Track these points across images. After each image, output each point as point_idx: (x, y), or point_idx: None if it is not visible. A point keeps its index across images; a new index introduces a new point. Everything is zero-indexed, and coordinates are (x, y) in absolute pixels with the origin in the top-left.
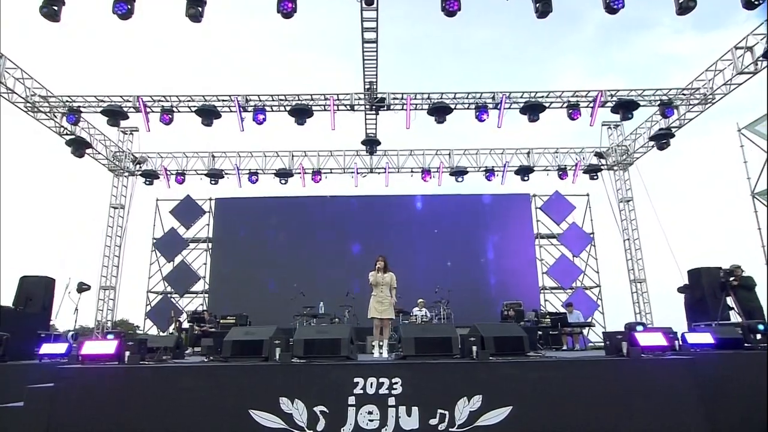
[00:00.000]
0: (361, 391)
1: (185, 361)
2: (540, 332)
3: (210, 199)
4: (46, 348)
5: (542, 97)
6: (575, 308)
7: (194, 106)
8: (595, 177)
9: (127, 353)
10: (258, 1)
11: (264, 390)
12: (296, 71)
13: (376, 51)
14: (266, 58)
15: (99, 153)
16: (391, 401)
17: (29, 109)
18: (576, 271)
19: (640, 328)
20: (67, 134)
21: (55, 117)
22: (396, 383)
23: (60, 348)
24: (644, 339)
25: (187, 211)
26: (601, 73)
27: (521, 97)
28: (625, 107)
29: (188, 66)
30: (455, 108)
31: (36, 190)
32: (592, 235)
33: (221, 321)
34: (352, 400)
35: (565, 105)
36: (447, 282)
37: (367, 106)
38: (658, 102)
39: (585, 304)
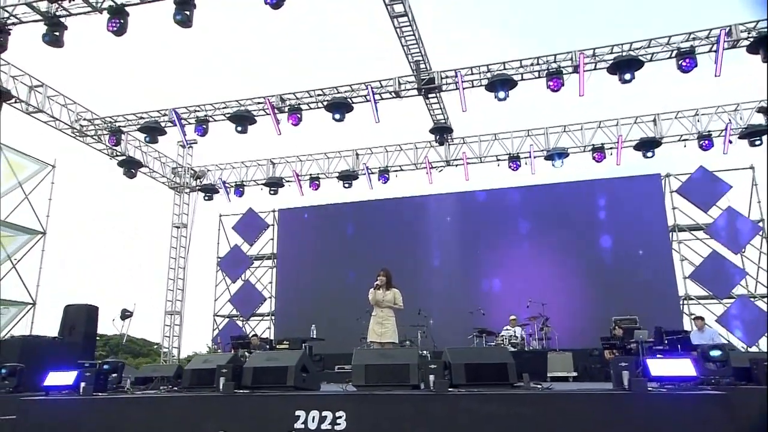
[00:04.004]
0: (303, 426)
1: (139, 394)
2: (659, 356)
3: (273, 211)
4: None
5: (640, 48)
6: (717, 325)
7: (229, 113)
8: (760, 142)
9: (83, 384)
10: None
11: (205, 423)
12: (334, 63)
13: (411, 23)
14: (290, 53)
15: (155, 171)
16: None
17: (76, 134)
18: (736, 273)
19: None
20: (118, 155)
21: (103, 139)
22: (340, 417)
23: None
24: (658, 367)
25: (250, 225)
26: None
27: (610, 53)
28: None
29: (205, 71)
30: (522, 78)
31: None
32: (761, 224)
33: (277, 346)
34: None
35: (674, 54)
36: (549, 294)
37: (419, 90)
38: None
39: (751, 319)
